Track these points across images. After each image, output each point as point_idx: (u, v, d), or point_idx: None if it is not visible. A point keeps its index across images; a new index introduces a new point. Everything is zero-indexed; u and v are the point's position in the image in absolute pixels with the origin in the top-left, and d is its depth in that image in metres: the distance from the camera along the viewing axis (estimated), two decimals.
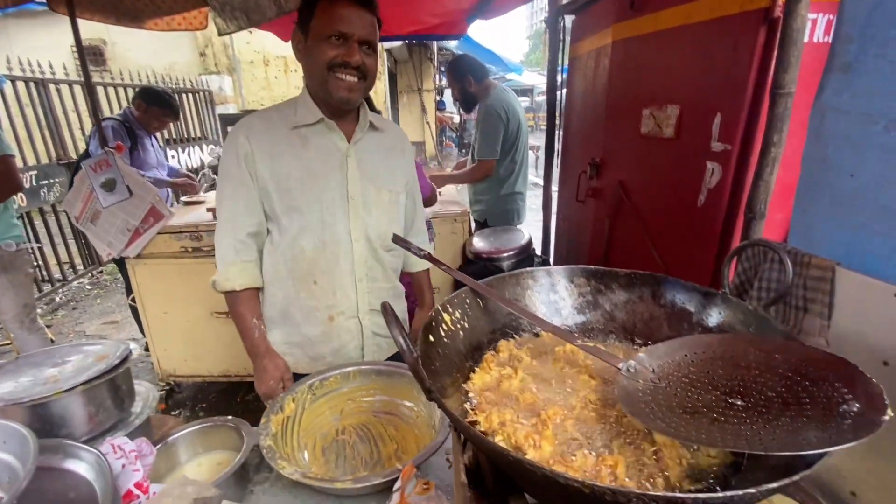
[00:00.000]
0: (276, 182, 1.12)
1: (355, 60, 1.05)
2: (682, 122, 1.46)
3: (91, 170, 2.23)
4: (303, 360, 1.27)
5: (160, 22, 3.20)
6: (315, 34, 1.05)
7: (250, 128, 1.13)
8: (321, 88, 1.09)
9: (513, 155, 2.72)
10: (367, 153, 1.20)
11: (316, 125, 1.14)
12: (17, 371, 0.83)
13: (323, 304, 1.21)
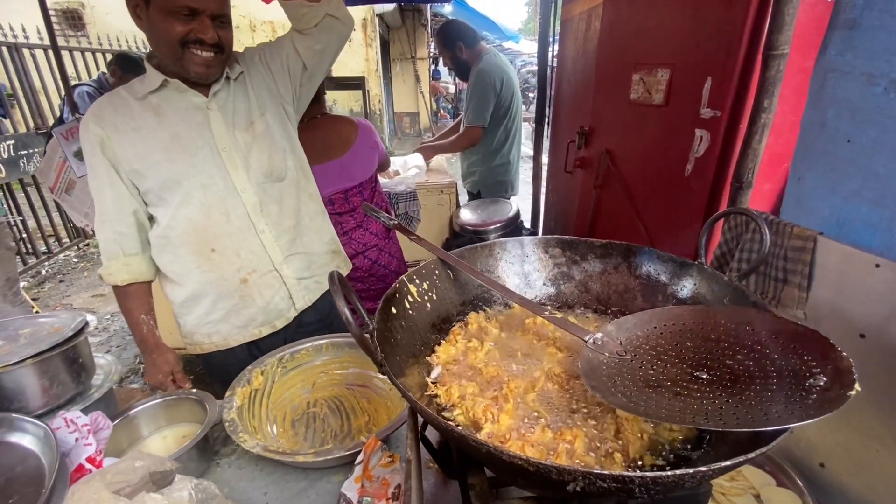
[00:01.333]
0: (142, 159, 1.05)
1: (210, 37, 0.98)
2: (672, 87, 1.40)
3: (62, 137, 2.15)
4: (232, 332, 1.22)
5: None
6: (158, 4, 0.95)
7: (99, 112, 1.05)
8: (174, 63, 1.01)
9: (506, 124, 2.62)
10: (229, 99, 1.12)
11: (162, 90, 1.05)
12: None
13: (229, 269, 1.15)
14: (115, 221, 1.08)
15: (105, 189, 1.06)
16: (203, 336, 1.21)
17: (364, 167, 1.96)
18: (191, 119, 1.07)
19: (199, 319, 1.19)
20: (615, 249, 0.85)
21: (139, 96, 1.05)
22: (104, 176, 1.05)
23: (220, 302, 1.17)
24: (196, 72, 1.02)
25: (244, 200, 1.12)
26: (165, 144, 1.05)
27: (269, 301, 1.21)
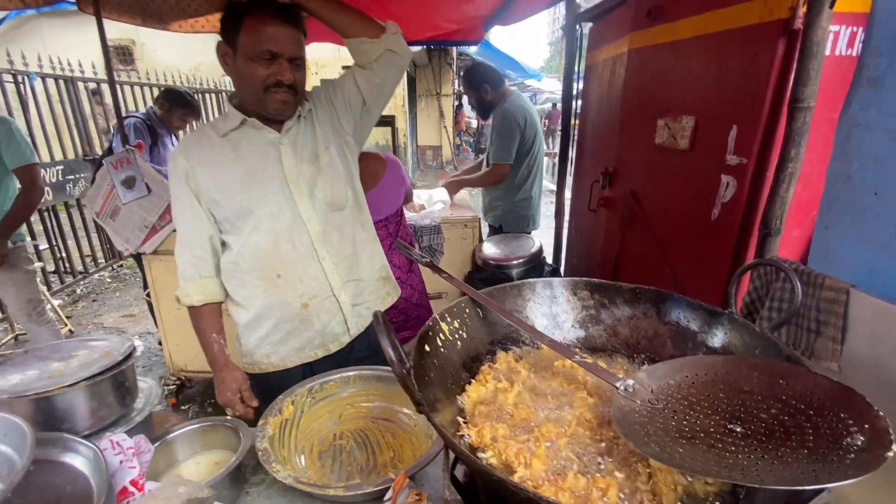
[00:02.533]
0: (220, 190, 1.16)
1: (287, 79, 1.09)
2: (697, 133, 1.43)
3: (112, 166, 2.29)
4: (290, 354, 1.28)
5: (184, 24, 3.28)
6: (244, 51, 1.07)
7: (187, 147, 1.18)
8: (256, 104, 1.13)
9: (528, 161, 2.71)
10: (298, 135, 1.21)
11: (241, 127, 1.16)
12: (24, 364, 0.85)
13: (292, 294, 1.22)
14: (193, 246, 1.18)
15: (187, 216, 1.17)
16: (262, 356, 1.28)
17: (391, 201, 2.02)
18: (265, 154, 1.17)
19: (260, 340, 1.26)
20: (644, 295, 0.86)
21: (221, 133, 1.17)
22: (187, 204, 1.16)
23: (282, 325, 1.24)
24: (274, 109, 1.13)
25: (309, 229, 1.21)
26: (241, 177, 1.15)
27: (327, 325, 1.27)
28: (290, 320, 1.25)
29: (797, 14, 1.11)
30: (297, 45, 1.10)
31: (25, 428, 0.59)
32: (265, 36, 1.05)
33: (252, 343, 1.28)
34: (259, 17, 1.05)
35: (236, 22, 1.06)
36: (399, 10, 3.30)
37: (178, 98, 3.19)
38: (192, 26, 3.33)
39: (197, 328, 1.23)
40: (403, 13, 3.36)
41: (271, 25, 1.05)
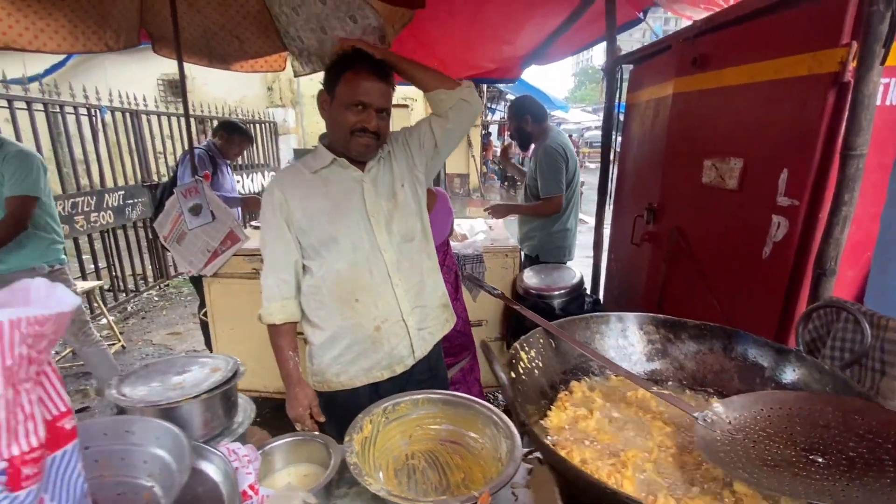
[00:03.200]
0: (309, 219, 1.29)
1: (372, 126, 1.23)
2: (746, 174, 1.49)
3: (182, 195, 2.48)
4: (358, 374, 1.38)
5: (245, 65, 3.57)
6: (340, 100, 1.23)
7: (282, 181, 1.33)
8: (343, 145, 1.28)
9: (567, 194, 2.81)
10: (379, 177, 1.35)
11: (331, 166, 1.31)
12: (146, 377, 0.96)
13: (367, 318, 1.33)
14: (280, 270, 1.31)
15: (277, 242, 1.30)
16: (332, 375, 1.38)
17: (440, 231, 2.13)
18: (350, 189, 1.32)
19: (332, 360, 1.36)
20: (710, 331, 0.92)
21: (312, 170, 1.32)
22: (278, 232, 1.30)
23: (354, 346, 1.35)
24: (357, 151, 1.28)
25: (385, 259, 1.33)
26: (328, 209, 1.29)
27: (395, 347, 1.37)
28: (362, 342, 1.35)
29: (847, 68, 1.18)
30: (385, 98, 1.25)
31: (180, 435, 0.69)
32: (360, 89, 1.21)
33: (324, 362, 1.38)
34: (357, 72, 1.21)
35: (337, 75, 1.23)
36: (443, 51, 3.52)
37: (235, 129, 3.46)
38: (251, 66, 3.62)
39: (275, 345, 1.34)
40: (447, 54, 3.58)
41: (366, 80, 1.21)
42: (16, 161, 2.29)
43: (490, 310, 2.75)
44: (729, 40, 1.55)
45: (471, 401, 1.18)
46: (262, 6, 3.10)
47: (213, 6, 3.05)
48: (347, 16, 2.96)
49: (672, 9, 2.14)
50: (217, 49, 3.35)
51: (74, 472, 0.58)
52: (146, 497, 0.71)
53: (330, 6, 2.97)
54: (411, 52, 3.56)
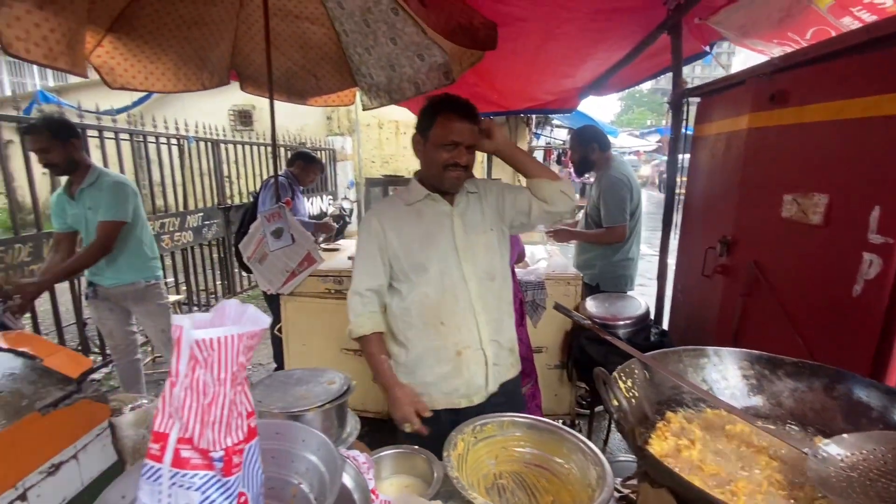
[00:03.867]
0: (403, 247, 1.43)
1: (463, 161, 1.38)
2: (832, 210, 1.48)
3: (265, 219, 2.72)
4: (437, 396, 1.48)
5: (319, 99, 3.88)
6: (433, 141, 1.39)
7: (380, 212, 1.50)
8: (435, 179, 1.43)
9: (631, 223, 2.82)
10: (466, 211, 1.49)
11: (424, 200, 1.46)
12: (272, 387, 1.09)
13: (451, 341, 1.44)
14: (365, 291, 1.46)
15: (368, 265, 1.46)
16: None
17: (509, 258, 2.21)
18: (440, 222, 1.46)
19: (415, 379, 1.47)
20: (809, 369, 0.93)
21: (407, 203, 1.48)
22: (370, 258, 1.46)
23: (437, 367, 1.46)
24: (450, 184, 1.43)
25: (469, 288, 1.45)
26: (420, 238, 1.44)
27: (473, 376, 1.47)
28: (444, 364, 1.45)
29: None
30: (473, 136, 1.40)
31: (327, 441, 0.79)
32: (452, 130, 1.37)
33: (407, 380, 1.47)
34: (448, 115, 1.37)
35: (432, 119, 1.40)
36: (503, 84, 3.67)
37: (312, 159, 3.81)
38: (325, 101, 3.92)
39: (368, 353, 1.47)
40: (506, 87, 3.72)
41: (457, 122, 1.37)
42: (110, 191, 2.60)
43: (549, 337, 2.77)
44: (812, 77, 1.56)
45: (556, 427, 1.23)
46: (338, 48, 3.39)
47: (296, 49, 3.37)
48: (416, 55, 3.18)
49: (743, 44, 2.16)
50: (296, 86, 3.67)
51: (257, 464, 0.69)
52: (293, 492, 0.81)
53: (400, 46, 3.20)
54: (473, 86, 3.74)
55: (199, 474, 0.60)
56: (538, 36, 2.67)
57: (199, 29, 2.95)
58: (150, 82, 3.06)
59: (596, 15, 2.37)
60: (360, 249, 1.49)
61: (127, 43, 2.77)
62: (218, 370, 0.59)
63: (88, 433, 1.08)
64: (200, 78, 3.26)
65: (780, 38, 1.97)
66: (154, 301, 2.86)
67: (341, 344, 2.78)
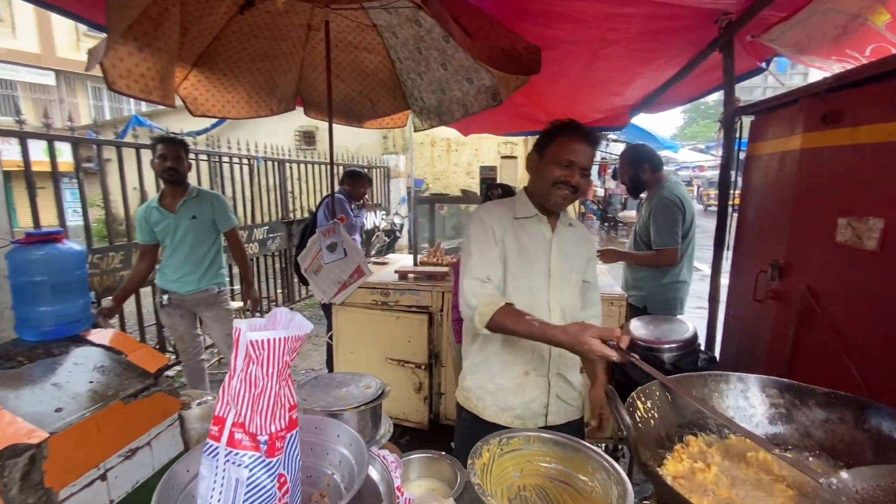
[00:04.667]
0: (504, 252, 1.46)
1: (574, 181, 1.39)
2: (888, 236, 1.40)
3: (322, 234, 2.93)
4: (491, 406, 1.50)
5: (374, 122, 4.13)
6: (549, 158, 1.41)
7: (489, 212, 1.50)
8: (543, 195, 1.45)
9: (683, 245, 2.75)
10: (564, 242, 1.51)
11: (531, 217, 1.48)
12: (317, 387, 1.21)
13: (521, 359, 1.46)
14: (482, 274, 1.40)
15: (486, 253, 1.43)
16: (473, 396, 1.54)
17: None
18: (540, 243, 1.50)
19: (477, 381, 1.52)
20: (840, 400, 0.91)
21: (516, 216, 1.49)
22: (487, 245, 1.44)
23: (500, 378, 1.49)
24: (555, 202, 1.44)
25: (552, 315, 1.47)
26: (519, 252, 1.47)
27: (532, 400, 1.49)
28: (509, 379, 1.48)
29: None
30: (589, 159, 1.42)
31: (358, 437, 0.89)
32: (570, 149, 1.38)
33: (468, 380, 1.54)
34: (570, 136, 1.40)
35: (551, 138, 1.42)
36: (551, 105, 3.72)
37: (358, 175, 4.10)
38: (379, 124, 4.17)
39: (512, 325, 1.30)
40: (555, 107, 3.77)
41: (576, 143, 1.39)
42: (221, 203, 3.12)
43: None
44: (866, 97, 1.50)
45: (581, 444, 1.25)
46: (392, 74, 3.61)
47: (353, 76, 3.64)
48: (465, 78, 3.32)
49: (800, 60, 2.09)
50: (354, 110, 3.93)
51: (296, 451, 0.80)
52: (327, 481, 0.91)
53: (450, 71, 3.36)
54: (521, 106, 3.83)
55: (248, 454, 0.72)
56: (585, 57, 2.71)
57: (269, 62, 3.28)
58: (227, 110, 3.43)
59: (644, 35, 2.39)
60: (475, 240, 1.45)
61: (209, 76, 3.14)
62: (267, 366, 0.71)
63: (161, 423, 1.24)
64: (270, 105, 3.61)
65: (839, 54, 1.89)
66: (223, 307, 3.18)
67: (386, 353, 2.91)
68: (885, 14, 1.48)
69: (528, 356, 1.46)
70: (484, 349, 1.51)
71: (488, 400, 1.50)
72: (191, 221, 2.95)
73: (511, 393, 1.48)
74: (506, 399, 1.49)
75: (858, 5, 1.54)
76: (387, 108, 3.89)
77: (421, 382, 2.87)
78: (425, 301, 2.85)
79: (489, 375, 1.50)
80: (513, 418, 1.49)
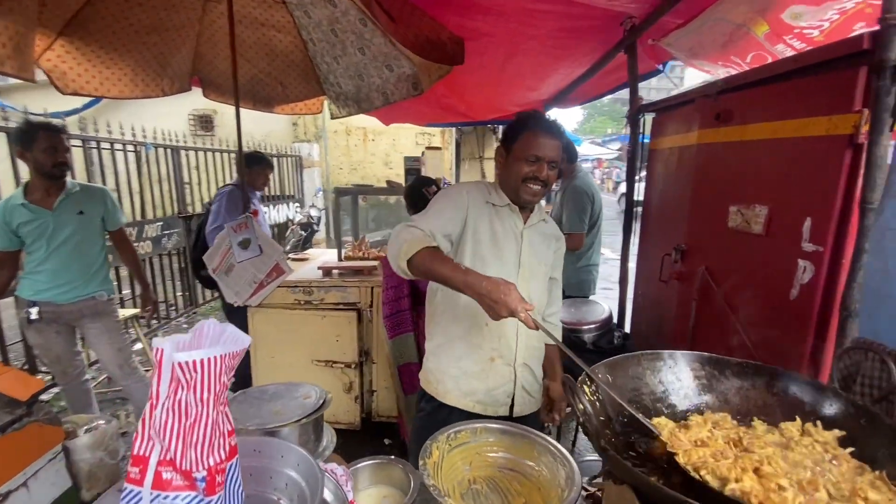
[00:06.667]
0: (474, 233, 1.44)
1: (543, 176, 1.39)
2: (771, 221, 1.62)
3: (232, 230, 2.67)
4: (454, 390, 1.49)
5: (286, 107, 3.84)
6: (516, 154, 1.40)
7: (469, 189, 1.48)
8: (513, 192, 1.44)
9: (593, 231, 2.96)
10: (535, 235, 1.51)
11: (504, 207, 1.47)
12: (246, 403, 1.09)
13: (488, 345, 1.45)
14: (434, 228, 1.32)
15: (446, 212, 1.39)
16: (434, 379, 1.51)
17: None
18: (512, 234, 1.47)
19: (438, 364, 1.50)
20: (752, 369, 1.03)
21: (487, 200, 1.47)
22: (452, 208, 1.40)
23: (464, 362, 1.46)
24: (526, 199, 1.43)
25: None
26: (491, 235, 1.44)
27: (495, 388, 1.48)
28: (474, 363, 1.46)
29: (860, 131, 1.32)
30: (556, 151, 1.41)
31: (308, 456, 0.80)
32: (536, 144, 1.37)
33: (432, 362, 1.51)
34: (535, 130, 1.38)
35: (517, 133, 1.40)
36: (472, 96, 3.76)
37: (254, 160, 3.43)
38: (292, 109, 3.89)
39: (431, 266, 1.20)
40: (475, 99, 3.82)
41: (542, 137, 1.37)
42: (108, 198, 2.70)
43: None
44: (751, 99, 1.70)
45: (527, 431, 1.28)
46: (305, 56, 3.38)
47: (261, 56, 3.34)
48: (384, 65, 3.21)
49: (692, 64, 2.32)
50: (262, 93, 3.62)
51: (237, 482, 0.70)
52: None
53: (368, 57, 3.23)
54: (442, 97, 3.81)
55: (181, 495, 0.61)
56: (504, 51, 2.77)
57: (158, 35, 2.87)
58: (106, 87, 2.95)
59: (558, 33, 2.49)
60: (440, 201, 1.41)
61: (80, 47, 2.67)
62: (201, 391, 0.61)
63: (40, 458, 1.02)
64: (160, 84, 3.17)
65: (725, 60, 2.13)
66: (111, 316, 2.69)
67: (312, 355, 2.76)
68: (764, 25, 1.69)
69: (496, 343, 1.46)
70: (447, 331, 1.49)
71: (449, 384, 1.49)
72: (77, 219, 2.45)
73: (474, 377, 1.47)
74: (468, 383, 1.48)
75: (743, 16, 1.74)
76: (300, 92, 3.63)
77: (351, 382, 2.76)
78: (352, 297, 2.74)
79: (452, 359, 1.48)
80: (475, 403, 1.48)
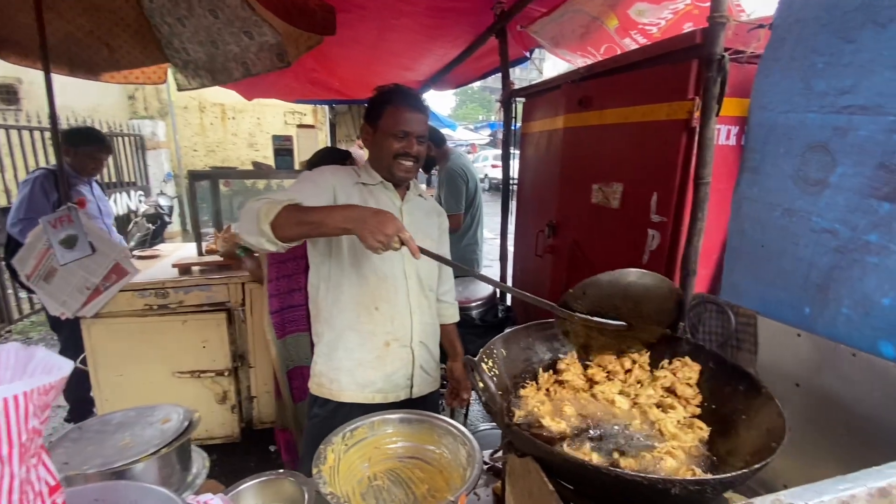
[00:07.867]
0: None
1: (413, 151, 1.35)
2: (626, 196, 1.82)
3: (50, 226, 2.14)
4: (350, 386, 1.41)
5: (117, 75, 3.19)
6: (383, 130, 1.35)
7: (335, 172, 1.39)
8: (386, 170, 1.38)
9: (472, 211, 3.05)
10: (414, 211, 1.47)
11: (378, 185, 1.41)
12: (82, 441, 0.86)
13: (381, 329, 1.39)
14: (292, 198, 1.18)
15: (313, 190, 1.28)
16: (328, 380, 1.40)
17: None
18: (388, 209, 1.27)
19: (331, 363, 1.40)
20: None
21: (357, 181, 1.39)
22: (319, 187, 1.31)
23: (358, 352, 1.38)
24: (400, 176, 1.38)
25: (409, 285, 1.41)
26: None
27: (394, 372, 1.42)
28: (368, 351, 1.39)
29: (693, 116, 1.54)
30: (423, 125, 1.35)
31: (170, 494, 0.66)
32: (402, 119, 1.32)
33: (324, 365, 1.41)
34: (398, 106, 1.32)
35: (380, 109, 1.34)
36: (344, 72, 3.56)
37: (80, 138, 2.77)
38: (125, 77, 3.27)
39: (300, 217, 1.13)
40: (348, 75, 3.62)
41: (407, 112, 1.32)
42: None
43: None
44: (607, 87, 1.88)
45: (426, 415, 1.26)
46: (138, 14, 2.84)
47: (78, 11, 2.72)
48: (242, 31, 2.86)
49: (555, 52, 2.48)
50: (81, 56, 2.97)
51: None
52: None
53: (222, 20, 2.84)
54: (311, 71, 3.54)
55: None
56: (377, 25, 2.65)
57: None
58: None
59: (431, 11, 2.46)
60: (300, 182, 1.31)
61: None
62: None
63: None
64: None
65: (583, 50, 2.32)
66: None
67: (173, 367, 2.38)
68: (614, 20, 1.87)
69: (389, 326, 1.40)
70: (335, 325, 1.39)
71: (344, 379, 1.40)
72: None
73: (370, 366, 1.40)
74: (364, 374, 1.40)
75: (598, 10, 1.90)
76: (134, 58, 3.04)
77: (225, 391, 2.46)
78: (220, 296, 2.41)
79: (345, 352, 1.39)
80: (374, 393, 1.41)
